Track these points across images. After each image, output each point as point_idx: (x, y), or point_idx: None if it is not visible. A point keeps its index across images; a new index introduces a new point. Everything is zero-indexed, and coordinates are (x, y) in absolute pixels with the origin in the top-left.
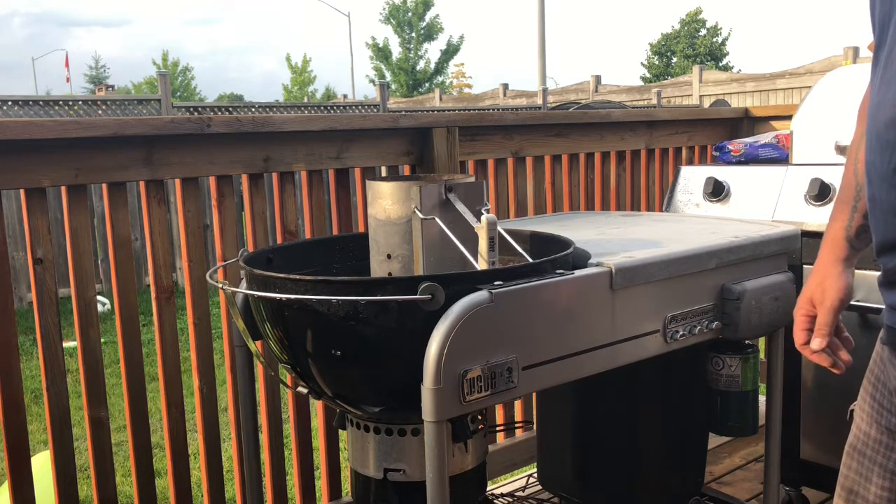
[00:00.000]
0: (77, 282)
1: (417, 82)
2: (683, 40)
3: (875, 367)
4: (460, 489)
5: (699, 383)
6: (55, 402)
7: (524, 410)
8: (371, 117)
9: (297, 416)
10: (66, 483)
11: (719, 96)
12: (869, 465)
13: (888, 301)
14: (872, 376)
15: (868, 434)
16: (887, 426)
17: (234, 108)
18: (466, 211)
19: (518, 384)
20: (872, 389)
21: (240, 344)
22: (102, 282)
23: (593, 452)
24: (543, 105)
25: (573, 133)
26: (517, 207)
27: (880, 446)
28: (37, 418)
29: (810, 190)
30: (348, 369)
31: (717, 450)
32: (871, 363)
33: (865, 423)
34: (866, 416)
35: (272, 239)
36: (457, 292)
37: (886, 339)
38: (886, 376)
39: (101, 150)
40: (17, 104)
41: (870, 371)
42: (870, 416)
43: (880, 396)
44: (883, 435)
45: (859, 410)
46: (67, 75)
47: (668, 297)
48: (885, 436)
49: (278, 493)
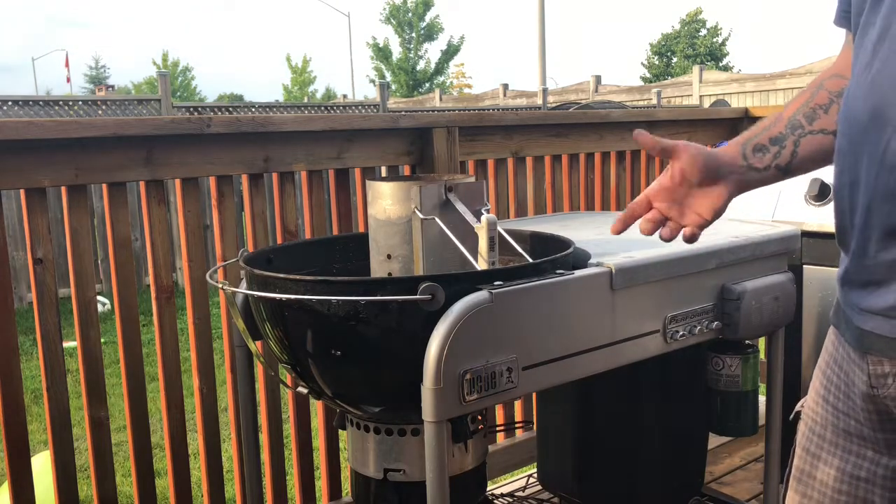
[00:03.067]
0: (77, 282)
1: (417, 82)
2: (683, 40)
3: (830, 369)
4: (460, 489)
5: (699, 383)
6: (55, 402)
7: (524, 410)
8: (371, 117)
9: (297, 416)
10: (66, 483)
11: (719, 96)
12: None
13: (863, 305)
14: (825, 378)
15: (822, 436)
16: (845, 428)
17: (234, 108)
18: (466, 211)
19: (518, 384)
20: (825, 392)
21: (240, 344)
22: (102, 282)
23: (593, 452)
24: (543, 105)
25: (573, 133)
26: (517, 207)
27: (836, 448)
28: (37, 418)
29: (810, 190)
30: (348, 369)
31: (717, 450)
32: (823, 364)
33: (819, 425)
34: (819, 416)
35: (272, 239)
36: (457, 292)
37: (857, 343)
38: (850, 379)
39: (100, 150)
40: (17, 104)
41: (822, 373)
42: (823, 417)
43: (834, 399)
44: (838, 437)
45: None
46: (67, 75)
47: (668, 297)
48: (841, 438)
49: (278, 493)
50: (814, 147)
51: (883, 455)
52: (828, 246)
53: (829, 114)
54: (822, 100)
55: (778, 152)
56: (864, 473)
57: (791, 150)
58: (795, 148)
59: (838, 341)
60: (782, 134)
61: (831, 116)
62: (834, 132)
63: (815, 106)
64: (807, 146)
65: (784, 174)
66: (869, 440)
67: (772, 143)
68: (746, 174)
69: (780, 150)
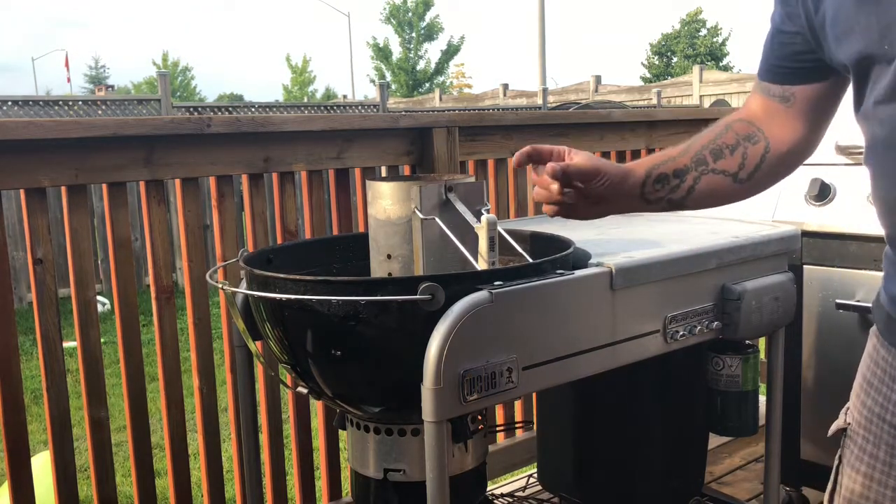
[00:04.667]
0: (77, 282)
1: (417, 82)
2: (683, 40)
3: (884, 385)
4: (460, 489)
5: (699, 383)
6: (55, 402)
7: (524, 410)
8: (371, 117)
9: (297, 416)
10: (66, 483)
11: (719, 96)
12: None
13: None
14: (877, 393)
15: (875, 456)
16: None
17: (234, 108)
18: (466, 211)
19: (518, 384)
20: (881, 410)
21: (240, 344)
22: (102, 282)
23: (593, 452)
24: (543, 105)
25: (573, 133)
26: (517, 207)
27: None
28: (37, 418)
29: (810, 190)
30: (348, 369)
31: (717, 450)
32: (873, 379)
33: (871, 444)
34: (872, 435)
35: (272, 239)
36: (457, 292)
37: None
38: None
39: (100, 150)
40: (17, 104)
41: (871, 387)
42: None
43: (891, 417)
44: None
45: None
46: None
47: (668, 297)
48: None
49: (278, 493)
50: (711, 186)
51: None
52: (828, 246)
53: (734, 156)
54: (730, 140)
55: (676, 186)
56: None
57: (690, 184)
58: (694, 184)
59: (891, 356)
60: (686, 167)
61: (735, 158)
62: (733, 174)
63: (722, 145)
64: (705, 184)
65: (671, 208)
66: None
67: (674, 175)
68: (633, 202)
69: (680, 183)
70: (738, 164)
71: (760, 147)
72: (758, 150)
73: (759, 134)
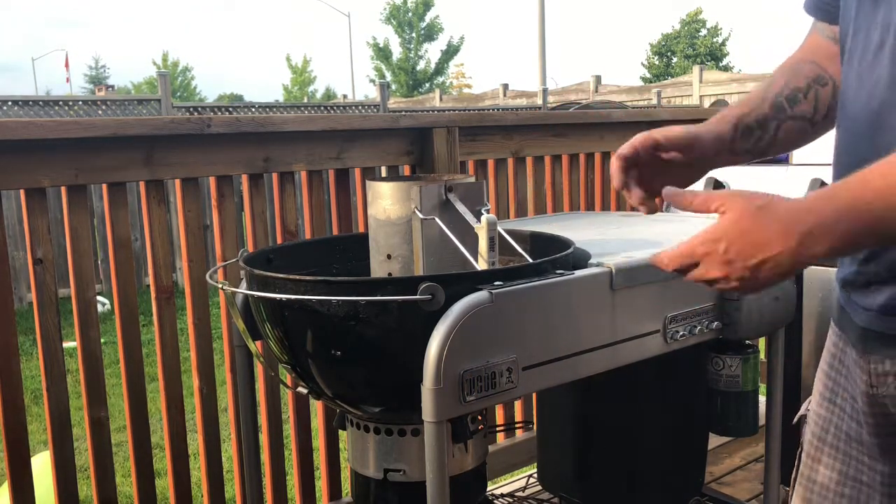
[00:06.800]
0: (77, 282)
1: (417, 82)
2: (683, 40)
3: (833, 370)
4: (460, 489)
5: (699, 383)
6: (55, 403)
7: (524, 410)
8: (371, 117)
9: (297, 416)
10: (66, 483)
11: (719, 96)
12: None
13: (865, 304)
14: (828, 379)
15: (823, 439)
16: (847, 431)
17: (234, 108)
18: (466, 211)
19: (518, 384)
20: (830, 394)
21: (240, 344)
22: (102, 282)
23: (593, 452)
24: (543, 105)
25: (573, 133)
26: (517, 207)
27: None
28: (37, 418)
29: (810, 190)
30: (348, 369)
31: (717, 450)
32: (825, 365)
33: (821, 428)
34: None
35: (272, 239)
36: (457, 292)
37: (859, 343)
38: (852, 379)
39: (100, 150)
40: (17, 104)
41: (825, 375)
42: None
43: (841, 401)
44: (839, 440)
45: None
46: (67, 75)
47: (668, 297)
48: (842, 441)
49: (278, 493)
50: (791, 131)
51: (877, 461)
52: None
53: (808, 99)
54: (801, 84)
55: (760, 136)
56: (865, 478)
57: (773, 133)
58: (776, 132)
59: (840, 342)
60: (766, 116)
61: (809, 102)
62: (809, 118)
63: (796, 90)
64: (785, 131)
65: (755, 156)
66: (866, 445)
67: (758, 126)
68: (720, 158)
69: (763, 134)
70: (813, 108)
71: (829, 88)
72: (827, 92)
73: (825, 75)
